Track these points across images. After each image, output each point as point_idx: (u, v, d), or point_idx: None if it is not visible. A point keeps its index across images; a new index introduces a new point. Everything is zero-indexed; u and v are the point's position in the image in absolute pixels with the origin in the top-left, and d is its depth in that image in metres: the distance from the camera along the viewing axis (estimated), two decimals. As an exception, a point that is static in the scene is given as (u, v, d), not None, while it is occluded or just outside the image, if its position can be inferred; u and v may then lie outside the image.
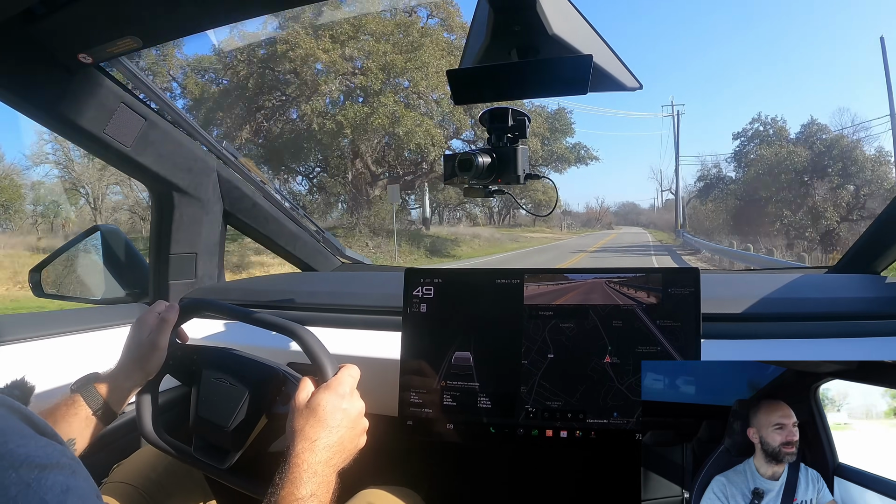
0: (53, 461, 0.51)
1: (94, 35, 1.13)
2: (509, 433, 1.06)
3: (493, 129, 1.08)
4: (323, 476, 0.82)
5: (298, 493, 0.78)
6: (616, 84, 1.06)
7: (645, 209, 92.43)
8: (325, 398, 0.87)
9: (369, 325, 1.35)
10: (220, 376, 1.04)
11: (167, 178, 1.50)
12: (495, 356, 1.08)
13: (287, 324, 0.99)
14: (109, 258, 1.68)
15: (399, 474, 1.27)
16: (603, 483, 1.32)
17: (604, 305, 1.04)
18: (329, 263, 2.05)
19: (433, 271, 1.12)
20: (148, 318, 1.05)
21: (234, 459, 1.00)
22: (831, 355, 1.07)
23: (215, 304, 1.11)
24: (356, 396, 0.92)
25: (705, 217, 36.47)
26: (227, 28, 16.07)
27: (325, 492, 0.81)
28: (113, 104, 1.32)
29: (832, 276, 1.51)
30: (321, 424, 0.85)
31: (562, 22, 0.98)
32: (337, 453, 0.86)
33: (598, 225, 74.99)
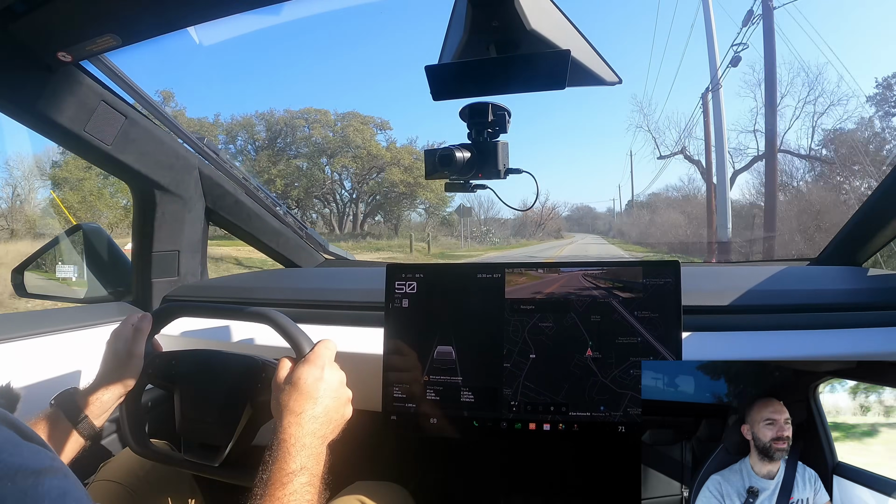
0: (46, 465, 0.51)
1: (73, 33, 1.12)
2: (493, 426, 1.06)
3: (474, 124, 1.08)
4: (311, 448, 0.83)
5: (289, 468, 0.79)
6: (595, 79, 1.07)
7: (602, 213, 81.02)
8: (305, 371, 0.89)
9: (353, 320, 1.35)
10: (200, 375, 1.05)
11: (149, 176, 1.50)
12: (478, 350, 1.08)
13: (258, 310, 1.01)
14: (92, 257, 1.67)
15: (386, 469, 1.27)
16: (589, 474, 1.33)
17: (581, 301, 1.05)
18: (312, 260, 2.05)
19: (415, 266, 1.13)
20: (122, 330, 1.06)
21: (225, 454, 1.00)
22: (815, 347, 1.08)
23: (189, 306, 1.12)
24: (335, 367, 0.94)
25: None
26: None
27: (315, 463, 0.82)
28: (93, 102, 1.31)
29: (815, 268, 1.53)
30: (304, 397, 0.87)
31: (540, 17, 0.99)
32: (324, 424, 0.87)
33: (541, 232, 55.77)
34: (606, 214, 77.07)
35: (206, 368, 1.06)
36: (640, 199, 49.63)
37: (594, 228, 75.52)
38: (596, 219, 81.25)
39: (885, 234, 1.40)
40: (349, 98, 61.70)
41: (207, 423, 1.02)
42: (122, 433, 1.07)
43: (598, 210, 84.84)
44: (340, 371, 0.94)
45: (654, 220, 33.24)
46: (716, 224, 19.10)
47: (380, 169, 33.11)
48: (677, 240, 26.96)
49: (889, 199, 1.34)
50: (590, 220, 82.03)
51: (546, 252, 31.76)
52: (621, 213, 60.25)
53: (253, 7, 1.06)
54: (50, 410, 0.97)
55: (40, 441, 0.56)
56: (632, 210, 50.44)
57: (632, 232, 40.34)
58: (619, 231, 50.12)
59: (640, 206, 48.47)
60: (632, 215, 47.53)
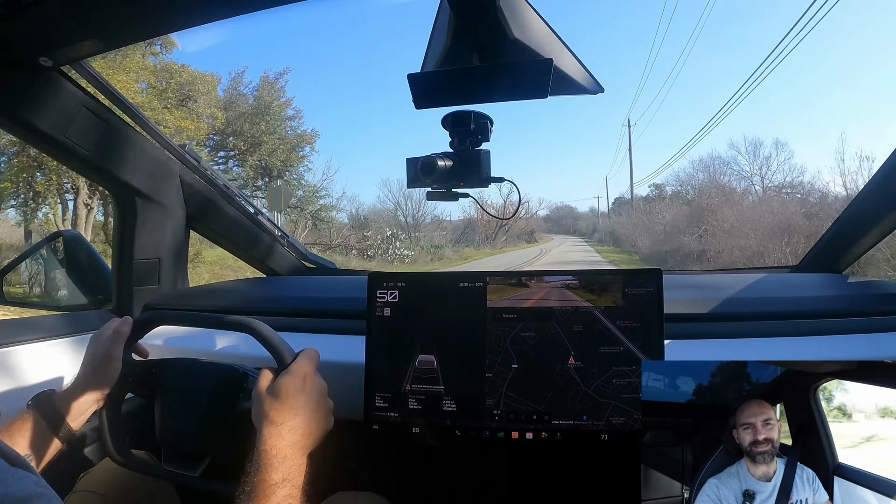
0: (31, 492, 0.51)
1: (55, 38, 1.12)
2: (475, 436, 1.06)
3: (456, 133, 1.08)
4: (293, 459, 0.82)
5: (271, 479, 0.78)
6: (577, 88, 1.07)
7: (584, 213, 70.79)
8: (286, 383, 0.88)
9: (334, 329, 1.35)
10: (181, 385, 1.04)
11: (129, 183, 1.48)
12: (460, 359, 1.08)
13: (239, 319, 1.00)
14: (72, 264, 1.65)
15: (367, 479, 1.26)
16: (581, 484, 1.33)
17: (563, 310, 1.05)
18: (294, 268, 2.04)
19: (397, 275, 1.12)
20: (103, 333, 1.05)
21: (206, 465, 0.99)
22: (796, 354, 1.09)
23: (169, 314, 1.11)
24: (317, 378, 0.93)
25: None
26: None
27: (296, 475, 0.82)
28: (74, 108, 1.30)
29: (795, 275, 1.54)
30: (285, 408, 0.86)
31: (523, 25, 0.99)
32: (304, 436, 0.86)
33: (504, 235, 39.26)
34: (589, 214, 66.98)
35: (187, 378, 1.05)
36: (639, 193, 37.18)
37: (575, 230, 66.90)
38: (578, 219, 71.69)
39: (864, 242, 1.42)
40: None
41: (188, 433, 1.01)
42: (103, 443, 1.06)
43: (579, 210, 74.99)
44: (322, 381, 0.94)
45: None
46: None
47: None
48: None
49: (868, 207, 1.36)
50: (570, 220, 72.76)
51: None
52: (615, 210, 46.80)
53: (234, 14, 1.05)
54: (27, 412, 0.96)
55: (25, 465, 0.56)
56: (627, 207, 37.26)
57: (633, 234, 27.51)
58: (611, 233, 37.22)
59: (637, 199, 35.85)
60: (628, 214, 34.33)
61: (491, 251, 33.89)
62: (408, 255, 25.01)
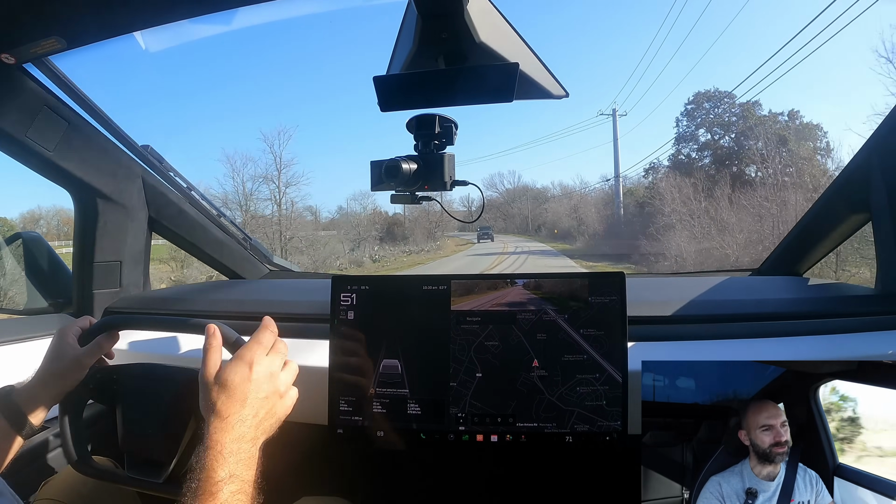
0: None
1: (16, 35, 1.10)
2: (440, 439, 1.06)
3: (420, 136, 1.08)
4: (241, 454, 0.79)
5: (217, 476, 0.76)
6: (542, 92, 1.08)
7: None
8: (231, 370, 0.84)
9: (298, 333, 1.33)
10: (142, 390, 1.03)
11: (90, 184, 1.46)
12: (424, 363, 1.07)
13: (200, 322, 0.97)
14: (31, 267, 1.62)
15: (333, 483, 1.26)
16: (536, 486, 1.33)
17: (527, 319, 1.05)
18: (257, 271, 2.03)
19: (360, 278, 1.12)
20: (69, 331, 1.03)
21: (170, 470, 0.98)
22: (758, 355, 1.10)
23: (130, 318, 1.09)
24: (266, 360, 0.88)
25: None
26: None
27: (245, 469, 0.79)
28: (36, 106, 1.28)
29: (757, 278, 1.57)
30: (232, 399, 0.82)
31: (489, 30, 1.00)
32: (253, 426, 0.82)
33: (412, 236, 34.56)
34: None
35: (149, 382, 1.03)
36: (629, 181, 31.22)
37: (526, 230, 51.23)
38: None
39: (824, 245, 1.45)
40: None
41: (151, 439, 0.99)
42: (65, 450, 1.04)
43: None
44: (273, 361, 0.89)
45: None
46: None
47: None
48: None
49: (828, 211, 1.39)
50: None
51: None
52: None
53: (198, 14, 1.05)
54: None
55: None
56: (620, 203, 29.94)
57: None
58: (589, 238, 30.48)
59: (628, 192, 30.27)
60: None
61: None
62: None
